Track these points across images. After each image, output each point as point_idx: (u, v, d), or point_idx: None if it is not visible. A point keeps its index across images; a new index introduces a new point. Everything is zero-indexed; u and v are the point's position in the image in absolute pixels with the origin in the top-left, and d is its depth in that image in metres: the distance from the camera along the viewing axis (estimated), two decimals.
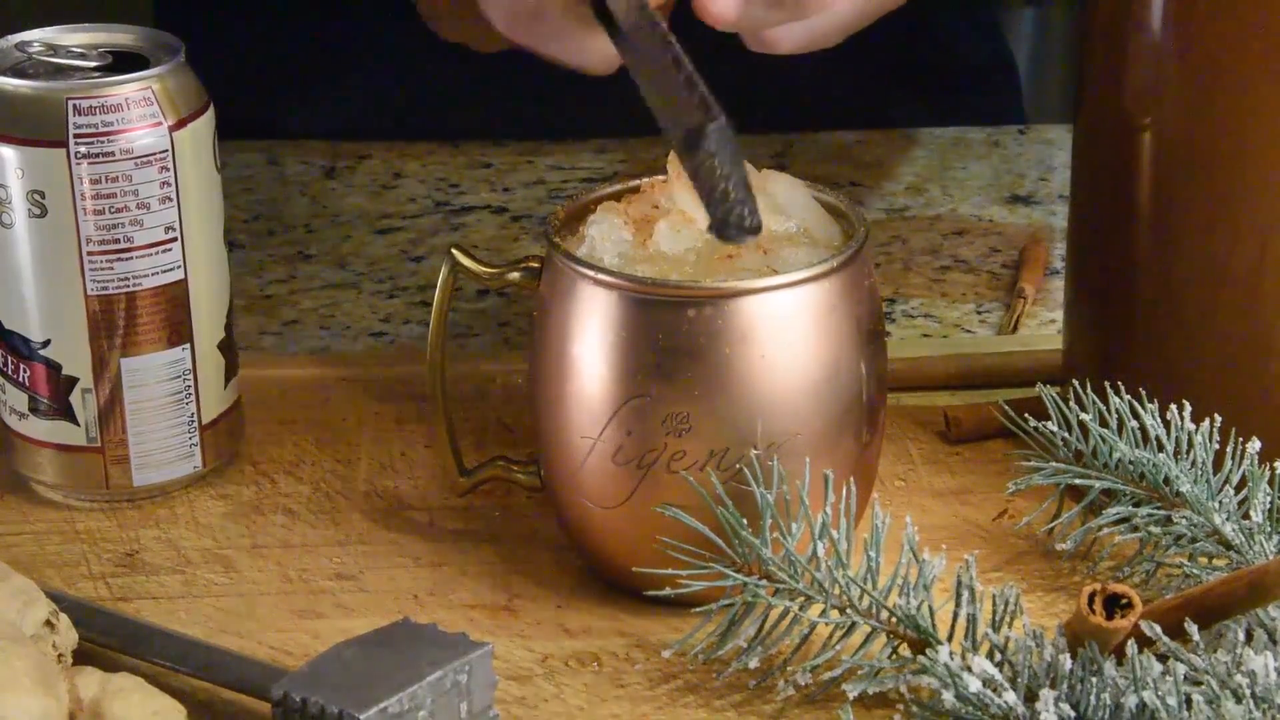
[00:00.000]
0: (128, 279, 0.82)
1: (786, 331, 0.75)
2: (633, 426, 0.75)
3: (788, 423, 0.75)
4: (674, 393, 0.75)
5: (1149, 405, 0.78)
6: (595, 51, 0.80)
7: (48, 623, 0.70)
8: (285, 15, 1.23)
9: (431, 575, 0.81)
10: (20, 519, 0.85)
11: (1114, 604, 0.69)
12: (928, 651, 0.70)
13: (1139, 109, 0.80)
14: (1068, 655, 0.68)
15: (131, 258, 0.82)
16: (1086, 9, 0.82)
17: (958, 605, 0.72)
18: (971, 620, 0.72)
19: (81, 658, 0.72)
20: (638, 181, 0.81)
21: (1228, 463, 0.77)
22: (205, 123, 0.83)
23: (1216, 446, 0.78)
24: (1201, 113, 0.78)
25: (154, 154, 0.81)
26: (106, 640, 0.75)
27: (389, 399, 0.92)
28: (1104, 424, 0.79)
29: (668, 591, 0.74)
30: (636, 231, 0.77)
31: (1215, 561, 0.76)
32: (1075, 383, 0.80)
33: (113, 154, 0.80)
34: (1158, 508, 0.78)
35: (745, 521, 0.73)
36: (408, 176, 1.16)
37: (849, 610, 0.73)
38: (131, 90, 0.81)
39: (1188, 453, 0.78)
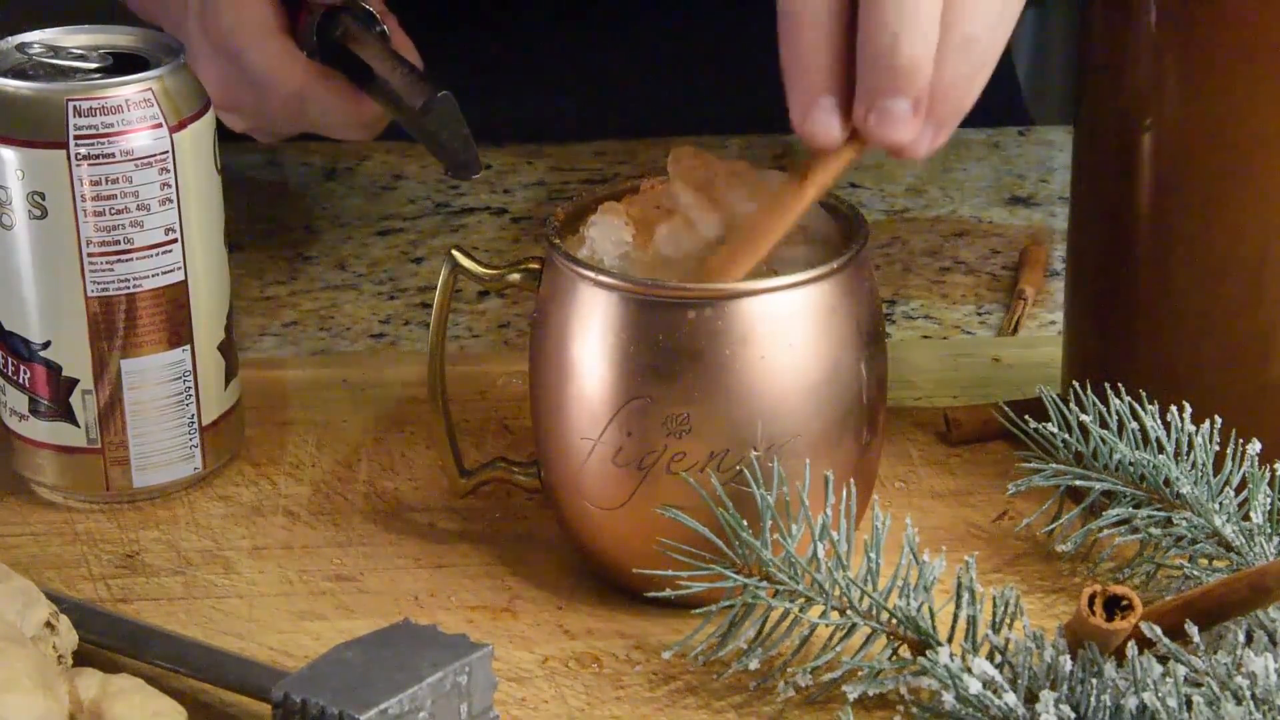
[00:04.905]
0: (128, 280, 0.82)
1: (786, 333, 0.75)
2: (633, 428, 0.75)
3: (788, 424, 0.75)
4: (674, 394, 0.74)
5: (1149, 406, 0.78)
6: (365, 112, 0.95)
7: (48, 624, 0.70)
8: None
9: (432, 576, 0.81)
10: (20, 520, 0.85)
11: (1114, 605, 0.69)
12: (928, 653, 0.70)
13: (1139, 109, 0.80)
14: (1068, 657, 0.68)
15: (132, 259, 0.82)
16: (1086, 9, 0.82)
17: (958, 607, 0.72)
18: (972, 622, 0.72)
19: (81, 659, 0.72)
20: (638, 182, 0.81)
21: (1228, 464, 0.77)
22: (205, 124, 0.83)
23: (1217, 448, 0.78)
24: (1201, 113, 0.78)
25: (154, 155, 0.81)
26: (106, 641, 0.75)
27: (389, 400, 0.92)
28: (1104, 425, 0.79)
29: (668, 593, 0.74)
30: (637, 232, 0.77)
31: (1215, 563, 0.76)
32: (1075, 384, 0.80)
33: (113, 155, 0.80)
34: (1158, 509, 0.78)
35: (745, 523, 0.73)
36: (408, 178, 1.16)
37: (849, 612, 0.73)
38: (132, 91, 0.81)
39: (1188, 454, 0.78)
